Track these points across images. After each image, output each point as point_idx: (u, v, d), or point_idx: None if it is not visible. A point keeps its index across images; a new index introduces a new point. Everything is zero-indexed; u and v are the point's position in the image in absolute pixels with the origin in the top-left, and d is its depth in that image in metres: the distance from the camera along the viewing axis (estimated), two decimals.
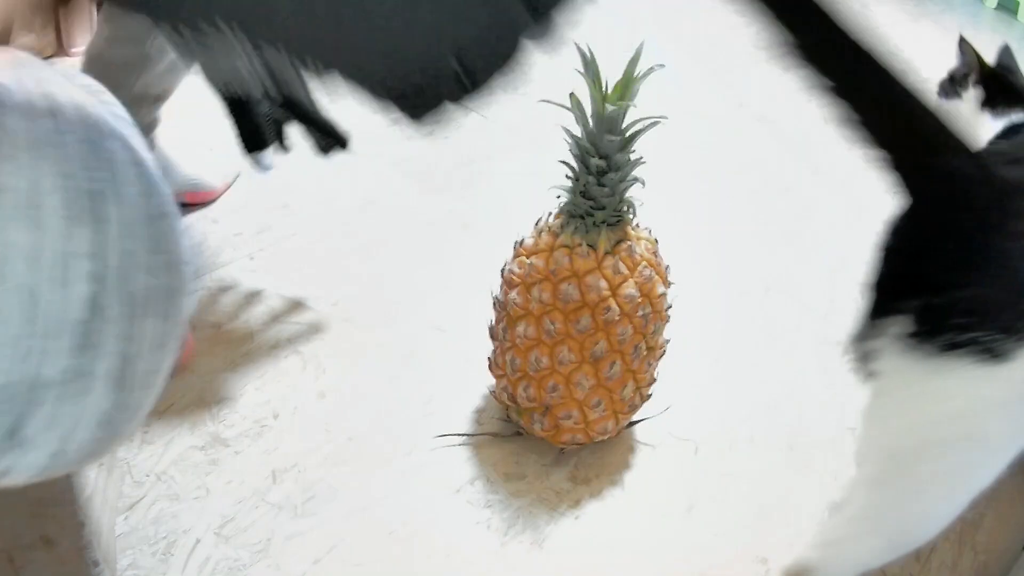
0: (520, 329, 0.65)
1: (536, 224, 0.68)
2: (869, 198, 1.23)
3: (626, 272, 0.63)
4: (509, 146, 1.17)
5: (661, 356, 0.69)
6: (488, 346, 0.71)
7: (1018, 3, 1.76)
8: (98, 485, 0.64)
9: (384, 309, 0.85)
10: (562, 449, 0.71)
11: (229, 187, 1.01)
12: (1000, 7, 1.80)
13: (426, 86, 0.48)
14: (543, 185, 0.65)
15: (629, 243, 0.64)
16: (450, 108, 0.48)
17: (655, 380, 0.70)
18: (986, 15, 1.80)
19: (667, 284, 0.67)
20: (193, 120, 0.90)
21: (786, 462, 0.74)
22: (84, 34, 1.27)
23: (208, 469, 0.67)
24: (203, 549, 0.61)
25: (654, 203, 1.14)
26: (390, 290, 0.88)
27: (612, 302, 0.63)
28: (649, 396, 0.70)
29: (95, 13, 1.26)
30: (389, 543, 0.63)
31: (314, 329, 0.82)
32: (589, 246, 0.63)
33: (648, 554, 0.64)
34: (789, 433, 0.77)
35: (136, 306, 0.33)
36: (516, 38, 0.46)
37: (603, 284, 0.63)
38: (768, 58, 0.52)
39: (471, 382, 0.78)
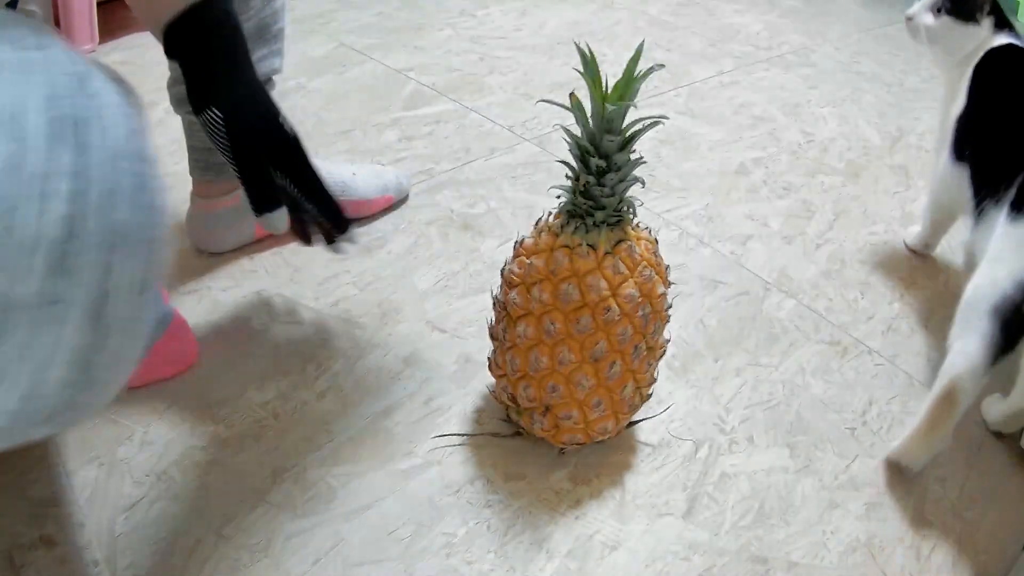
0: (520, 329, 0.65)
1: (536, 224, 0.68)
2: (870, 198, 1.24)
3: (626, 272, 0.63)
4: (509, 146, 1.17)
5: (661, 356, 0.69)
6: (488, 346, 0.71)
7: (1019, 2, 1.76)
8: (98, 485, 0.64)
9: (384, 309, 0.85)
10: (562, 449, 0.71)
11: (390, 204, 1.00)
12: None
13: None
14: (543, 185, 0.66)
15: (629, 243, 0.64)
16: None
17: (655, 380, 0.70)
18: None
19: (667, 284, 0.67)
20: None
21: (786, 462, 0.74)
22: (84, 34, 1.27)
23: (208, 469, 0.67)
24: (203, 549, 0.61)
25: (654, 203, 1.14)
26: (390, 290, 0.88)
27: (612, 302, 0.63)
28: (649, 396, 0.70)
29: (94, 13, 1.26)
30: (389, 543, 0.63)
31: (314, 329, 0.82)
32: (589, 246, 0.63)
33: (648, 554, 0.64)
34: (789, 433, 0.77)
35: (116, 238, 0.32)
36: None
37: (603, 284, 0.62)
38: (768, 58, 0.52)
39: (471, 382, 0.78)
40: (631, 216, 0.66)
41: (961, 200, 0.88)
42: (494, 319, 0.70)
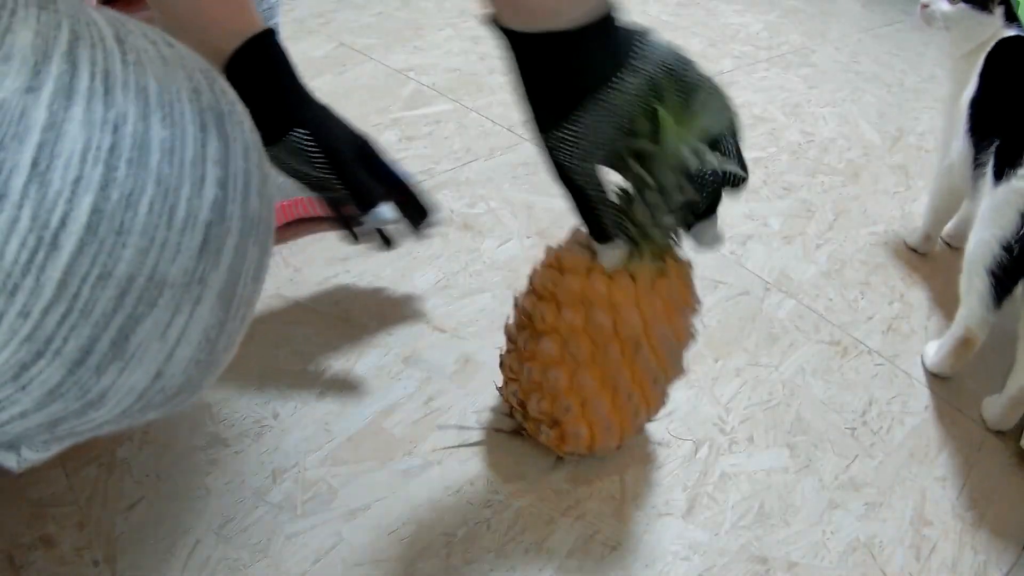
0: (544, 345, 0.63)
1: (572, 232, 0.65)
2: (870, 198, 1.24)
3: (662, 310, 0.61)
4: (510, 146, 1.17)
5: (676, 380, 0.68)
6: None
7: (1019, 2, 1.76)
8: (98, 485, 0.64)
9: (384, 309, 0.85)
10: (560, 457, 0.70)
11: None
12: None
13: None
14: (544, 185, 0.66)
15: (669, 279, 0.61)
16: None
17: (665, 404, 0.69)
18: None
19: (696, 313, 0.65)
20: None
21: (786, 462, 0.74)
22: None
23: (208, 469, 0.67)
24: (203, 549, 0.61)
25: None
26: (390, 290, 0.88)
27: (644, 341, 0.60)
28: (655, 417, 0.69)
29: None
30: (389, 543, 0.63)
31: (314, 329, 0.82)
32: (630, 275, 0.59)
33: (648, 554, 0.64)
34: (789, 433, 0.77)
35: (249, 224, 0.34)
36: None
37: (638, 320, 0.60)
38: (768, 58, 0.52)
39: (471, 382, 0.78)
40: (674, 247, 0.62)
41: (968, 181, 0.93)
42: (514, 321, 0.68)
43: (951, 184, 0.97)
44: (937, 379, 0.86)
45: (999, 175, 0.82)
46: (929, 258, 1.05)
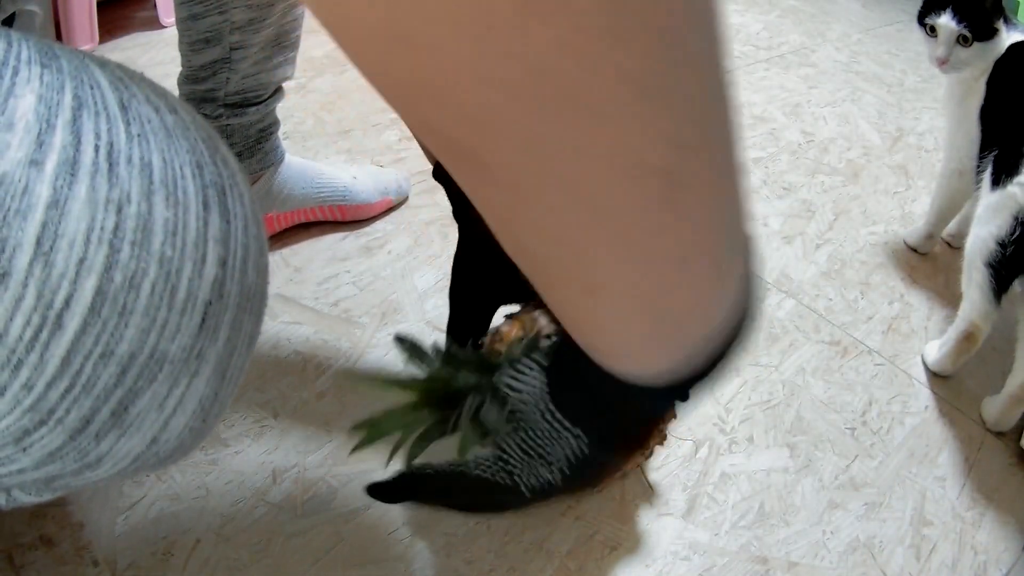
0: None
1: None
2: (870, 198, 1.24)
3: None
4: None
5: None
6: None
7: (1019, 2, 1.76)
8: (98, 485, 0.64)
9: (384, 309, 0.85)
10: None
11: (391, 206, 1.00)
12: None
13: None
14: None
15: None
16: None
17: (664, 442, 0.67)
18: None
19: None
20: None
21: (786, 462, 0.74)
22: (84, 34, 1.27)
23: (208, 469, 0.67)
24: (203, 549, 0.61)
25: None
26: (390, 290, 0.88)
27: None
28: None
29: (95, 13, 1.26)
30: (389, 543, 0.63)
31: (314, 329, 0.82)
32: None
33: (648, 554, 0.64)
34: (789, 433, 0.77)
35: (245, 299, 0.34)
36: None
37: None
38: (767, 58, 0.52)
39: None
40: None
41: (973, 184, 0.94)
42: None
43: (958, 186, 0.98)
44: (937, 379, 0.86)
45: (996, 181, 0.84)
46: (929, 258, 1.05)
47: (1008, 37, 0.92)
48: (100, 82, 0.31)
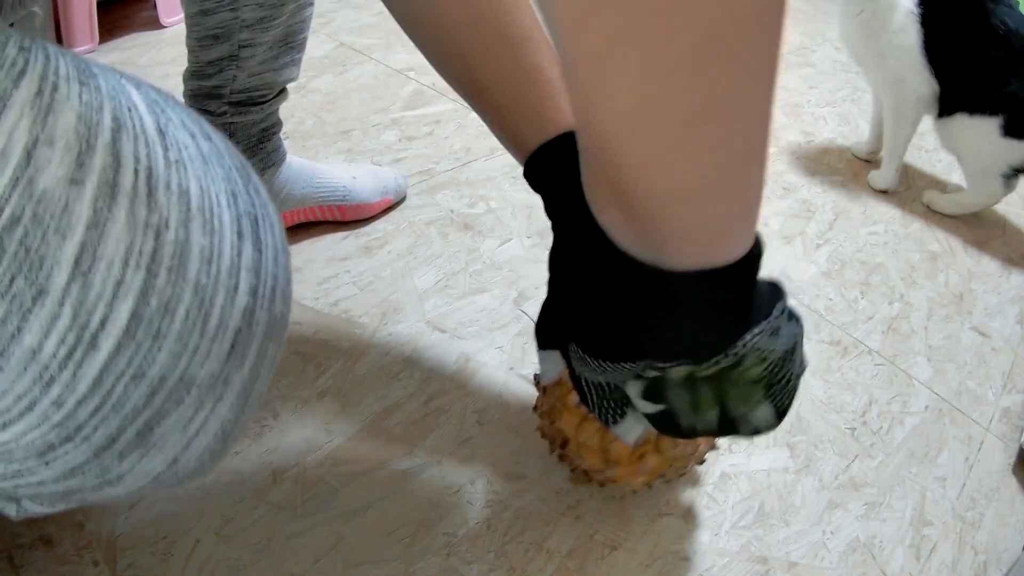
0: (584, 437, 0.60)
1: None
2: (870, 198, 1.24)
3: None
4: None
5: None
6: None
7: (1019, 2, 1.76)
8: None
9: (384, 309, 0.85)
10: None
11: (390, 206, 1.00)
12: None
13: None
14: None
15: None
16: None
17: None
18: None
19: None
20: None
21: (786, 462, 0.74)
22: (84, 34, 1.27)
23: None
24: (203, 549, 0.61)
25: None
26: (390, 290, 0.88)
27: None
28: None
29: (95, 13, 1.26)
30: (389, 543, 0.63)
31: (314, 329, 0.82)
32: None
33: (648, 554, 0.64)
34: (789, 433, 0.77)
35: (271, 327, 0.35)
36: None
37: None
38: None
39: (471, 382, 0.78)
40: None
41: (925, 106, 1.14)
42: (546, 415, 0.64)
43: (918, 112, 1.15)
44: (937, 379, 0.86)
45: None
46: (929, 257, 1.05)
47: None
48: (137, 104, 0.31)
